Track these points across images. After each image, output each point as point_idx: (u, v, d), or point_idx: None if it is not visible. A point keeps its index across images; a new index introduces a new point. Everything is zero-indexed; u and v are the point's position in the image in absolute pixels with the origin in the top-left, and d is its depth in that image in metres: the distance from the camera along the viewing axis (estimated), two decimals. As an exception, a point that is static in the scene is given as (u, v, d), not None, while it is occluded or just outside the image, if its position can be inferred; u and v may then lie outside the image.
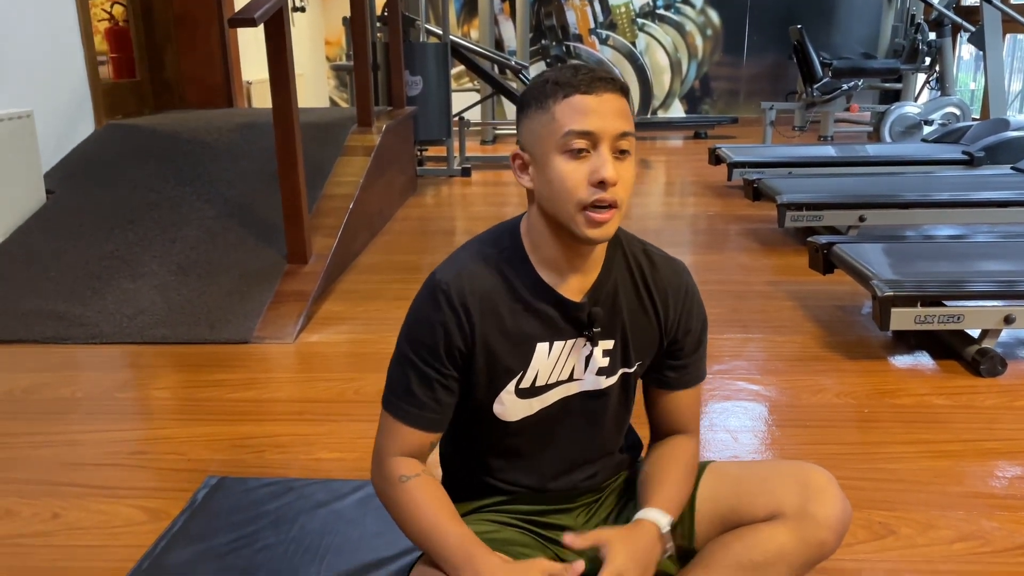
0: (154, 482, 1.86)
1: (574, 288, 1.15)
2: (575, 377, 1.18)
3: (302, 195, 3.11)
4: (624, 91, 1.08)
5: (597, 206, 1.05)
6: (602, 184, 1.04)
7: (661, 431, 1.30)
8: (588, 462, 1.25)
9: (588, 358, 1.18)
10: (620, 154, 1.06)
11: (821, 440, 2.00)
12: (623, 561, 1.06)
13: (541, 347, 1.15)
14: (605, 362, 1.19)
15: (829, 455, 1.92)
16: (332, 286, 3.30)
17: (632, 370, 1.22)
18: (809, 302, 3.02)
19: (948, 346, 2.52)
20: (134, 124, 4.28)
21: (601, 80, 1.05)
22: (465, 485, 1.26)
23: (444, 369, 1.12)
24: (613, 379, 1.20)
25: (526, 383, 1.16)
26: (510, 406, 1.17)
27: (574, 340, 1.16)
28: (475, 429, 1.20)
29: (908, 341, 2.61)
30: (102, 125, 4.22)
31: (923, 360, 2.48)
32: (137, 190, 3.66)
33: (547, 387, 1.18)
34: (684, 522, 1.23)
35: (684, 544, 1.23)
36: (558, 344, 1.16)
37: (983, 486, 1.78)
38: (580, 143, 1.05)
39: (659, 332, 1.21)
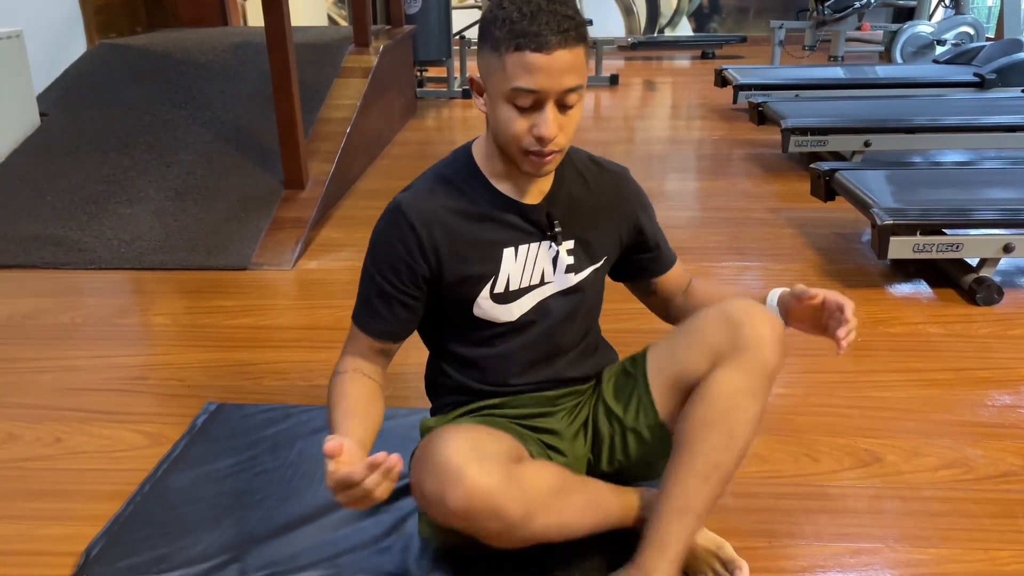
0: (154, 407, 1.89)
1: (532, 195, 1.25)
2: (546, 280, 1.28)
3: (298, 120, 3.07)
4: (580, 40, 1.09)
5: (537, 154, 1.14)
6: (541, 140, 1.12)
7: (673, 312, 1.45)
8: (568, 350, 1.35)
9: (555, 259, 1.28)
10: (565, 106, 1.12)
11: (812, 368, 2.02)
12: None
13: (508, 252, 1.25)
14: (571, 260, 1.29)
15: (820, 383, 1.94)
16: (330, 212, 3.28)
17: (599, 266, 1.33)
18: (810, 229, 3.00)
19: (946, 275, 2.52)
20: (127, 43, 4.19)
21: (555, 34, 1.06)
22: (454, 391, 1.34)
23: (404, 287, 1.22)
24: (583, 275, 1.31)
25: (499, 288, 1.25)
26: (487, 309, 1.26)
27: (539, 243, 1.26)
28: (462, 338, 1.30)
29: (907, 269, 2.61)
30: (94, 44, 4.14)
31: (920, 288, 2.48)
32: (132, 112, 3.62)
33: (521, 292, 1.27)
34: (643, 403, 1.31)
35: (651, 421, 1.30)
36: (523, 248, 1.25)
37: (971, 414, 1.80)
38: (525, 101, 1.10)
39: (616, 227, 1.33)
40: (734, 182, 3.69)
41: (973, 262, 2.44)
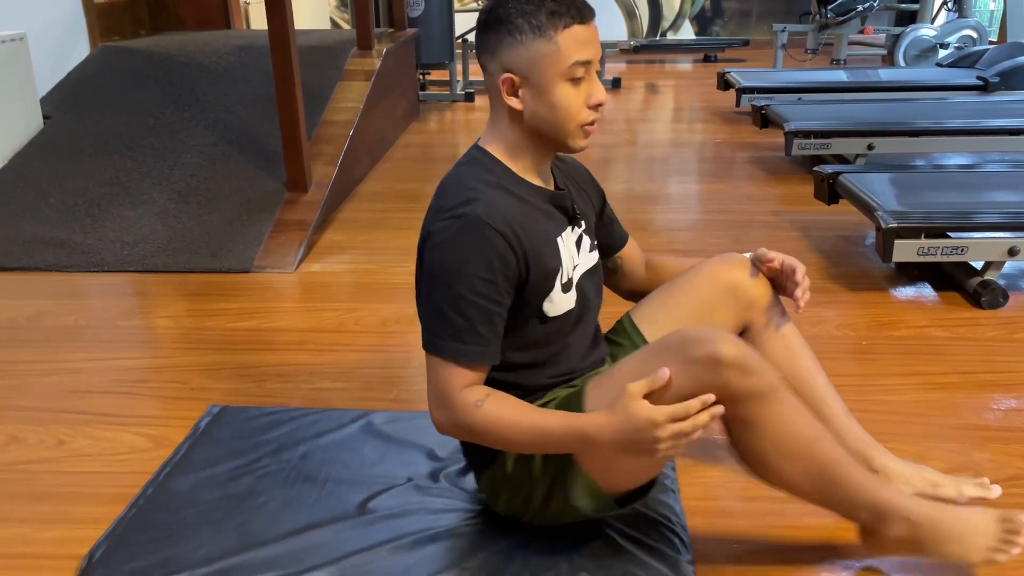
0: (157, 410, 1.89)
1: (550, 184, 1.33)
2: (576, 263, 1.32)
3: (301, 122, 3.07)
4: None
5: (592, 123, 1.23)
6: (599, 106, 1.22)
7: (638, 287, 1.55)
8: (598, 324, 1.42)
9: (579, 241, 1.33)
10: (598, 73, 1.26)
11: (818, 372, 2.01)
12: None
13: (559, 241, 1.28)
14: (588, 240, 1.36)
15: (825, 387, 1.93)
16: (333, 215, 3.28)
17: (596, 241, 1.42)
18: (813, 232, 2.99)
19: (951, 277, 2.51)
20: (129, 46, 4.19)
21: (587, 8, 1.19)
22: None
23: (502, 299, 1.19)
24: (596, 251, 1.40)
25: (565, 277, 1.28)
26: (558, 301, 1.27)
27: (568, 229, 1.31)
28: (525, 343, 1.27)
29: (911, 272, 2.60)
30: (97, 47, 4.14)
31: (925, 292, 2.47)
32: (135, 115, 3.62)
33: (572, 277, 1.30)
34: None
35: None
36: (564, 235, 1.30)
37: (977, 418, 1.79)
38: (581, 72, 1.18)
39: (592, 206, 1.42)
40: (737, 185, 3.68)
41: (978, 265, 2.43)
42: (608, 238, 1.49)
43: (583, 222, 1.35)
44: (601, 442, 1.12)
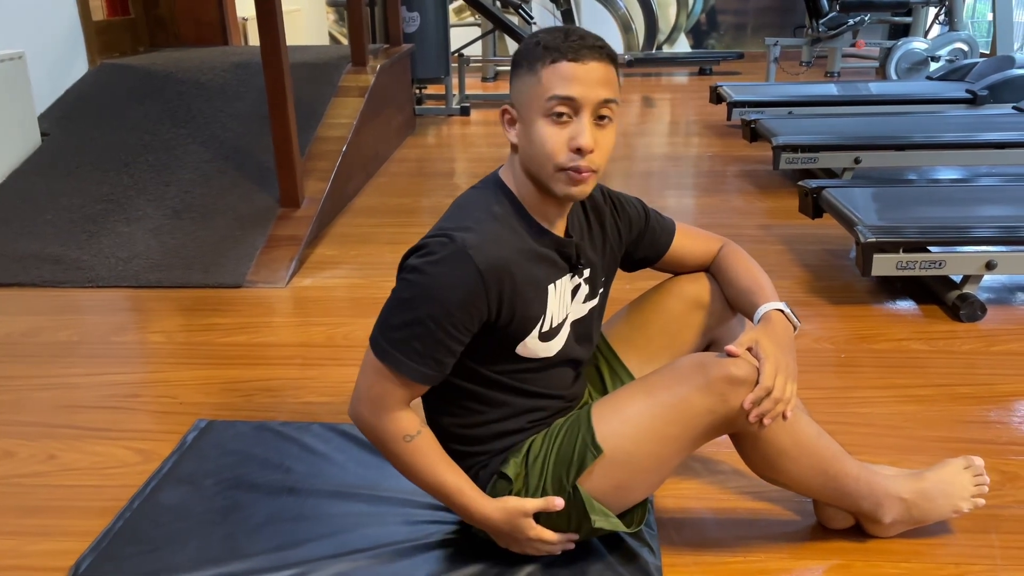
0: (147, 424, 1.92)
1: (558, 228, 1.28)
2: (567, 312, 1.31)
3: (293, 139, 3.11)
4: (611, 59, 1.16)
5: (575, 170, 1.15)
6: (579, 151, 1.13)
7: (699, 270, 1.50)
8: (583, 365, 1.42)
9: (576, 289, 1.31)
10: (600, 120, 1.15)
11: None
12: (770, 347, 1.23)
13: (551, 288, 1.26)
14: (587, 289, 1.34)
15: (803, 399, 1.95)
16: (325, 230, 3.32)
17: (603, 290, 1.39)
18: (799, 246, 3.03)
19: (931, 291, 2.55)
20: (128, 63, 4.25)
21: (588, 48, 1.13)
22: (510, 417, 1.33)
23: (462, 336, 1.19)
24: (594, 301, 1.37)
25: (546, 327, 1.27)
26: (532, 348, 1.27)
27: (567, 276, 1.29)
28: (501, 377, 1.29)
29: (893, 286, 2.64)
30: (96, 65, 4.19)
31: (905, 305, 2.51)
32: (132, 132, 3.67)
33: (558, 328, 1.29)
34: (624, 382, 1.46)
35: None
36: (559, 282, 1.27)
37: (952, 431, 1.82)
38: (562, 108, 1.13)
39: (614, 250, 1.39)
40: (726, 199, 3.72)
41: (957, 279, 2.47)
42: (649, 249, 1.45)
43: (586, 271, 1.33)
44: (476, 521, 1.29)
